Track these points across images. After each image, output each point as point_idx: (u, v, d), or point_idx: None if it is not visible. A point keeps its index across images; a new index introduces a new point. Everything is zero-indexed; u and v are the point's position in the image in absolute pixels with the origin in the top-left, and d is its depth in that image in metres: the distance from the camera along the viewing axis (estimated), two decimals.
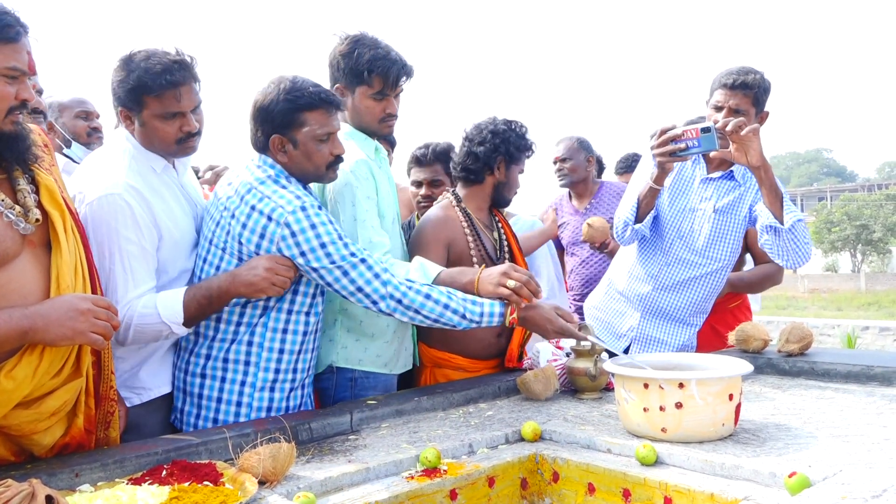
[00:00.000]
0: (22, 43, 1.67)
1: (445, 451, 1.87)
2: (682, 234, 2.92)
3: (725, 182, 2.91)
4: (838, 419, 2.01)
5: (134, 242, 2.07)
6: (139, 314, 2.05)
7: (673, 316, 3.00)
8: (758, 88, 2.74)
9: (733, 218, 2.89)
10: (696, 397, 1.82)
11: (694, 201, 2.92)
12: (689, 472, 1.69)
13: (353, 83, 2.45)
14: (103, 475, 1.68)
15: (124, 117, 2.16)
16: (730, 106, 2.72)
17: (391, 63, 2.42)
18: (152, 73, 2.07)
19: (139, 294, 2.07)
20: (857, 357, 2.66)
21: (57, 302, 1.68)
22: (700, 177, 2.94)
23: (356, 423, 2.13)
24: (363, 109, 2.48)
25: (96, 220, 2.05)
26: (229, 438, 1.85)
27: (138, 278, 2.08)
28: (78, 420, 1.83)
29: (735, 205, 2.89)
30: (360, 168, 2.41)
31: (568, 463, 1.83)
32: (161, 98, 2.10)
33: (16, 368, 1.65)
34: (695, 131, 2.54)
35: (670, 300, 2.97)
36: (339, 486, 1.69)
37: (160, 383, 2.23)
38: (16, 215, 1.69)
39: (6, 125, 1.68)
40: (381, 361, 2.51)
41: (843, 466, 1.58)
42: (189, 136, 2.17)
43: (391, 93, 2.47)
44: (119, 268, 2.05)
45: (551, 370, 2.42)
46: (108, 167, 2.13)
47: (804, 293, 25.90)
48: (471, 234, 2.72)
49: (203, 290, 2.10)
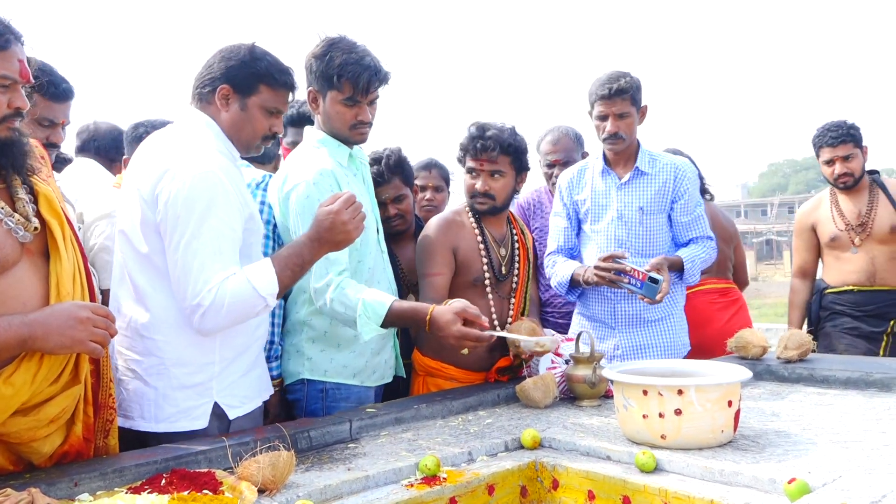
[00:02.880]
0: (12, 51, 1.67)
1: (445, 459, 1.87)
2: (620, 242, 2.99)
3: (638, 179, 3.00)
4: (837, 425, 2.01)
5: (224, 222, 2.02)
6: (232, 292, 1.96)
7: (644, 318, 3.02)
8: (632, 90, 2.90)
9: (658, 210, 2.99)
10: (696, 404, 1.82)
11: (619, 208, 3.00)
12: (688, 479, 1.69)
13: (325, 87, 2.39)
14: (102, 484, 1.68)
15: (223, 96, 2.14)
16: (613, 112, 2.89)
17: (363, 69, 2.34)
18: (279, 68, 2.15)
19: (226, 277, 1.98)
20: (856, 363, 2.66)
21: (56, 310, 1.68)
22: (614, 184, 3.02)
23: (355, 431, 2.12)
24: (333, 115, 2.41)
25: (191, 196, 1.98)
26: (228, 447, 1.84)
27: (227, 259, 2.00)
28: (76, 428, 1.82)
29: (656, 199, 2.98)
30: (323, 179, 2.35)
31: (567, 470, 1.83)
32: (276, 92, 2.16)
33: (14, 374, 1.65)
34: (642, 275, 2.65)
35: (635, 305, 2.98)
36: (338, 495, 1.69)
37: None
38: (15, 223, 1.69)
39: (1, 132, 1.68)
40: (348, 372, 2.47)
41: (842, 472, 1.58)
42: (273, 136, 2.22)
43: (363, 99, 2.39)
44: (206, 247, 1.97)
45: (550, 377, 2.42)
46: (196, 146, 2.08)
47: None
48: (482, 246, 2.70)
49: (294, 259, 2.08)
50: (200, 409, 2.07)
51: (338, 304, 2.28)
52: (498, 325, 2.71)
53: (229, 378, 2.11)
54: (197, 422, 2.07)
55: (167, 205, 1.99)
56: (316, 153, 2.41)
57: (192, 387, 2.06)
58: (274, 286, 2.02)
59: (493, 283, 2.71)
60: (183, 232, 1.97)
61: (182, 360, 2.06)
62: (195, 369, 2.06)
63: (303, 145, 2.53)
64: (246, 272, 2.00)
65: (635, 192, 2.99)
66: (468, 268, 2.67)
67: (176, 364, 2.05)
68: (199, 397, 2.07)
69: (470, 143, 2.63)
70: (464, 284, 2.68)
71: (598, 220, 3.02)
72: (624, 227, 2.98)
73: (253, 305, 2.01)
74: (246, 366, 2.16)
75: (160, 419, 2.06)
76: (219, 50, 2.19)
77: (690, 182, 2.99)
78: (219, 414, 2.09)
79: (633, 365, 2.18)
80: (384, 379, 2.61)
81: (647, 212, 2.97)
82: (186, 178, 1.99)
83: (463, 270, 2.66)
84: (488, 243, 2.72)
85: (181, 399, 2.06)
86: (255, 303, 2.01)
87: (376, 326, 2.24)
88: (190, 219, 1.97)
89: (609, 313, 3.02)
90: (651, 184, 2.98)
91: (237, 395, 2.13)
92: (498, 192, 2.68)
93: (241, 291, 1.98)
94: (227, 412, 2.10)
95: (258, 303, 2.01)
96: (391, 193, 2.93)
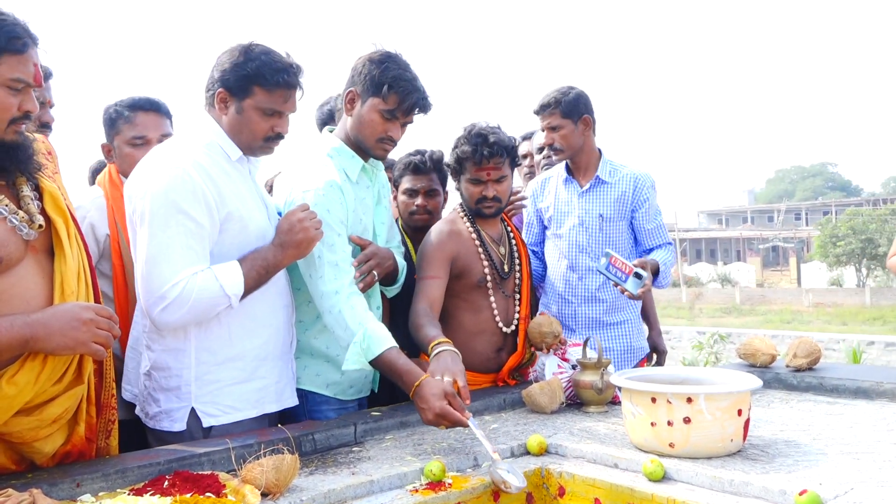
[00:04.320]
0: (29, 55, 1.66)
1: (450, 464, 1.86)
2: (581, 248, 3.13)
3: (599, 188, 3.14)
4: (848, 436, 1.99)
5: (193, 219, 2.00)
6: (199, 288, 1.97)
7: (604, 322, 3.15)
8: (560, 104, 3.05)
9: (618, 218, 3.12)
10: (705, 412, 1.80)
11: (580, 215, 3.14)
12: (697, 489, 1.67)
13: (369, 92, 2.35)
14: (105, 485, 1.67)
15: (220, 99, 2.13)
16: (547, 125, 3.08)
17: (413, 89, 2.34)
18: (272, 68, 2.09)
19: (195, 272, 1.99)
20: (867, 372, 2.64)
21: (59, 311, 1.67)
22: (576, 192, 3.16)
23: (360, 435, 2.11)
24: (367, 122, 2.36)
25: (160, 192, 1.99)
26: (232, 449, 1.83)
27: (195, 256, 2.00)
28: (79, 428, 1.82)
29: (616, 206, 3.12)
30: (332, 191, 2.31)
31: (574, 477, 1.81)
32: (271, 93, 2.11)
33: (18, 374, 1.64)
34: (629, 269, 2.73)
35: (595, 308, 3.13)
36: (342, 499, 1.68)
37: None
38: (19, 220, 1.68)
39: (8, 135, 1.68)
40: (321, 381, 2.41)
41: (854, 484, 1.56)
42: (278, 136, 2.18)
43: (401, 117, 2.37)
44: (176, 242, 1.98)
45: (557, 383, 2.40)
46: (179, 147, 2.11)
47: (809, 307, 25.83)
48: (480, 248, 2.69)
49: (259, 262, 2.08)
50: (179, 412, 2.08)
51: (341, 318, 2.21)
52: (503, 325, 2.69)
53: (211, 385, 2.09)
54: (176, 424, 2.08)
55: (138, 200, 2.02)
56: (324, 163, 2.37)
57: (171, 390, 2.09)
58: (240, 287, 2.04)
59: (496, 283, 2.69)
60: (151, 225, 1.99)
61: (158, 365, 2.10)
62: (171, 373, 2.09)
63: (313, 151, 2.47)
64: (214, 270, 2.02)
65: (596, 199, 3.14)
66: (470, 270, 2.65)
67: (155, 367, 2.11)
68: (179, 400, 2.08)
69: (475, 153, 2.60)
70: (468, 287, 2.66)
71: (561, 225, 3.18)
72: (585, 232, 3.13)
73: (216, 304, 2.02)
74: (236, 376, 2.12)
75: (150, 415, 2.13)
76: (223, 52, 2.17)
77: (649, 192, 3.13)
78: (198, 419, 2.08)
79: (641, 372, 2.16)
80: (361, 393, 2.53)
81: (606, 218, 3.11)
82: (157, 175, 2.02)
83: (465, 274, 2.65)
84: (486, 244, 2.71)
85: (163, 400, 2.10)
86: (219, 301, 2.02)
87: (364, 361, 2.17)
88: (158, 213, 1.99)
89: (570, 316, 3.15)
90: (611, 192, 3.12)
91: (220, 404, 2.10)
92: (504, 195, 2.70)
93: (208, 289, 1.99)
94: (202, 419, 2.08)
95: (222, 302, 2.02)
96: (426, 184, 2.95)
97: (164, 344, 2.09)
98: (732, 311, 25.91)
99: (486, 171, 2.61)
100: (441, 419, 1.96)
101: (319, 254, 2.23)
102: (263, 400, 2.18)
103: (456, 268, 2.63)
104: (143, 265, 2.00)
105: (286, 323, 2.27)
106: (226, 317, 2.08)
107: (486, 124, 2.67)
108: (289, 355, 2.30)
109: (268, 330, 2.19)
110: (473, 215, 2.71)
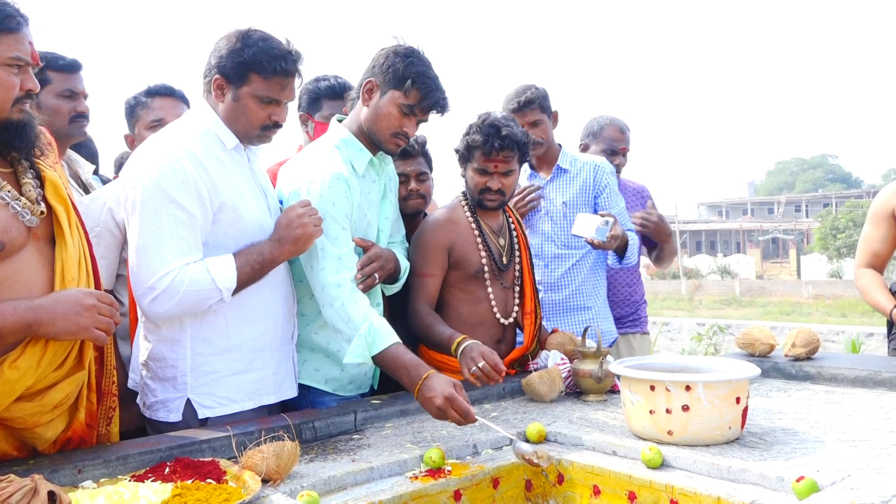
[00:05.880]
0: (23, 33, 1.68)
1: (450, 452, 1.87)
2: (547, 236, 3.27)
3: (561, 177, 3.30)
4: (846, 424, 2.00)
5: (184, 209, 1.98)
6: (190, 280, 1.96)
7: (570, 306, 3.25)
8: (538, 100, 3.21)
9: (582, 205, 3.25)
10: (703, 400, 1.81)
11: (544, 205, 3.29)
12: (695, 476, 1.68)
13: (390, 85, 2.32)
14: (106, 471, 1.68)
15: (217, 87, 2.10)
16: (526, 122, 3.14)
17: (436, 88, 2.32)
18: (270, 55, 2.05)
19: (186, 263, 1.97)
20: (865, 362, 2.64)
21: (62, 296, 1.68)
22: (540, 183, 3.30)
23: (360, 423, 2.12)
24: (384, 115, 2.33)
25: (151, 181, 1.97)
26: (233, 436, 1.84)
27: (186, 246, 1.98)
28: (80, 414, 1.82)
29: (579, 195, 3.26)
30: (338, 184, 2.29)
31: (573, 465, 1.82)
32: (268, 80, 2.07)
33: (20, 359, 1.65)
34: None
35: (562, 294, 3.24)
36: (342, 486, 1.69)
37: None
38: (21, 207, 1.69)
39: (14, 114, 1.69)
40: (320, 377, 2.42)
41: (851, 471, 1.57)
42: (275, 125, 2.15)
43: (419, 114, 2.35)
44: (167, 232, 1.96)
45: (556, 372, 2.41)
46: (173, 135, 2.09)
47: (808, 299, 25.83)
48: (479, 238, 2.67)
49: (254, 256, 2.07)
50: (175, 402, 2.07)
51: (343, 311, 2.19)
52: (501, 317, 2.69)
53: (207, 376, 2.08)
54: (172, 414, 2.07)
55: (130, 189, 2.01)
56: (330, 155, 2.35)
57: (167, 380, 2.09)
58: (232, 280, 2.02)
59: (494, 274, 2.68)
60: (142, 215, 1.98)
61: (154, 355, 2.10)
62: (167, 364, 2.08)
63: (321, 141, 2.45)
64: (207, 262, 2.00)
65: (559, 189, 3.29)
66: (467, 261, 2.63)
67: (151, 357, 2.11)
68: (175, 391, 2.08)
69: (485, 143, 2.58)
70: (465, 277, 2.64)
71: (527, 217, 3.29)
72: (549, 221, 3.27)
73: (207, 296, 2.00)
74: (233, 367, 2.11)
75: (147, 405, 2.13)
76: (220, 37, 2.14)
77: (609, 177, 3.27)
78: (194, 410, 2.08)
79: (640, 360, 2.16)
80: (361, 389, 2.53)
81: (570, 206, 3.24)
82: (149, 164, 2.00)
83: (462, 264, 2.62)
84: (486, 235, 2.69)
85: (159, 390, 2.10)
86: (210, 294, 2.00)
87: (367, 355, 2.14)
88: (149, 203, 1.97)
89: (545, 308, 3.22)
90: (573, 181, 3.28)
91: (216, 395, 2.09)
92: (508, 189, 2.67)
93: (199, 280, 1.97)
94: (197, 411, 2.07)
95: (213, 295, 2.00)
96: (415, 168, 2.91)
97: (160, 334, 2.08)
98: (732, 303, 25.91)
99: (495, 162, 2.59)
100: (449, 404, 1.94)
101: (322, 246, 2.21)
102: (260, 391, 2.17)
103: (452, 258, 2.62)
104: (134, 255, 1.99)
105: (285, 314, 2.25)
106: (222, 307, 2.07)
107: (502, 115, 2.64)
108: (289, 346, 2.28)
109: (266, 320, 2.17)
110: (475, 205, 2.71)
